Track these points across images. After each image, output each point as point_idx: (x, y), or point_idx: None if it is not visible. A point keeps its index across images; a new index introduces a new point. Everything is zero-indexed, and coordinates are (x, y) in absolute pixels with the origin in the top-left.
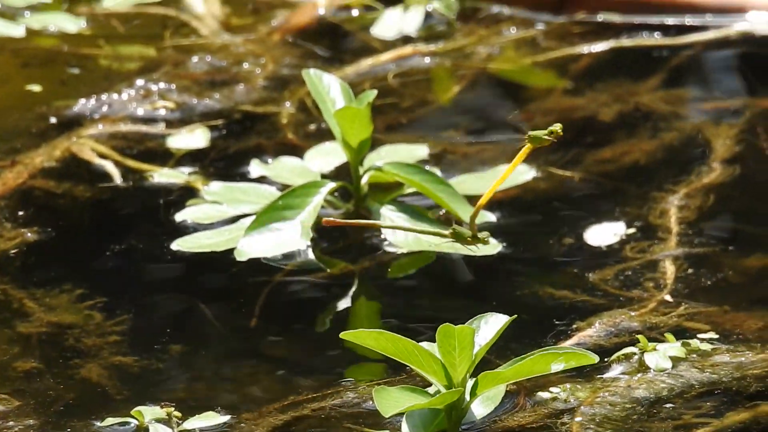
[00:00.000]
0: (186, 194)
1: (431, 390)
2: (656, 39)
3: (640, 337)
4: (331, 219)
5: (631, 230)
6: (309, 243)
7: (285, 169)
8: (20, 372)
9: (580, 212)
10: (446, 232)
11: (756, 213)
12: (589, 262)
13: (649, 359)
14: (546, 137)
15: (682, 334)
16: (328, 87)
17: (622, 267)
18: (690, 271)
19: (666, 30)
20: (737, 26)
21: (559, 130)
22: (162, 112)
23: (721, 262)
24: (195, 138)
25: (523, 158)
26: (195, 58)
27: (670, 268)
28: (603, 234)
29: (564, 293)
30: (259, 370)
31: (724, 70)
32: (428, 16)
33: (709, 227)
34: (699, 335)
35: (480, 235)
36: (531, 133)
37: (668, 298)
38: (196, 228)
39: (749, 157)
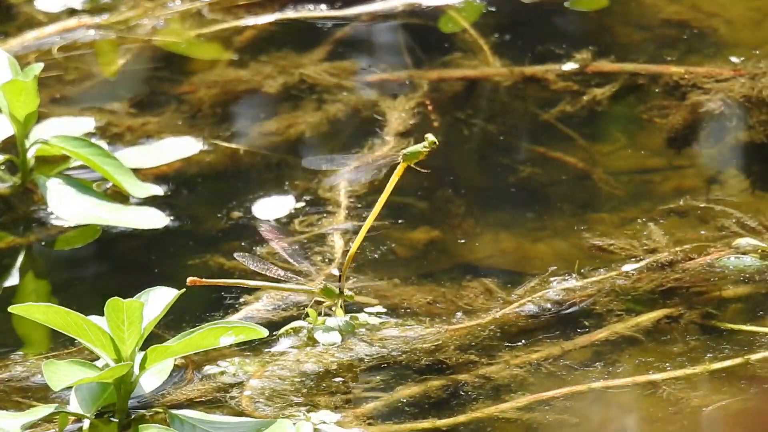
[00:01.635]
0: None
1: (100, 364)
2: (322, 11)
3: (309, 310)
4: (196, 279)
5: (301, 204)
6: None
7: None
8: None
9: (247, 185)
10: (315, 290)
11: (422, 188)
12: (258, 236)
13: (318, 333)
14: (422, 150)
15: (350, 308)
16: None
17: (291, 240)
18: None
19: (332, 2)
20: None
21: (435, 140)
22: None
23: (390, 236)
24: None
25: (398, 178)
26: None
27: (338, 242)
28: (271, 207)
29: (232, 265)
30: None
31: (390, 43)
32: None
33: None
34: (367, 309)
35: (346, 293)
36: (405, 150)
37: (335, 271)
38: None
39: (420, 131)
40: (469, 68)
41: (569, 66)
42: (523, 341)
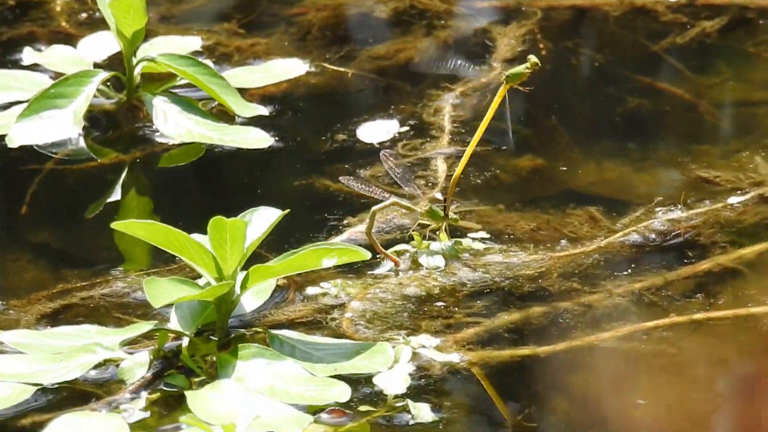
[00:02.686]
0: None
1: (201, 282)
2: None
3: (413, 233)
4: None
5: (405, 128)
6: (81, 132)
7: (58, 57)
8: None
9: (353, 108)
10: (420, 210)
11: (530, 115)
12: (362, 159)
13: (422, 257)
14: (525, 70)
15: (454, 232)
16: None
17: (397, 163)
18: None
19: None
20: None
21: (537, 61)
22: None
23: (494, 162)
24: None
25: (500, 98)
26: None
27: (441, 167)
28: (376, 131)
29: (337, 188)
30: (27, 258)
31: None
32: None
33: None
34: (471, 234)
35: (451, 216)
36: (509, 72)
37: (439, 195)
38: None
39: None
40: None
41: None
42: (627, 271)
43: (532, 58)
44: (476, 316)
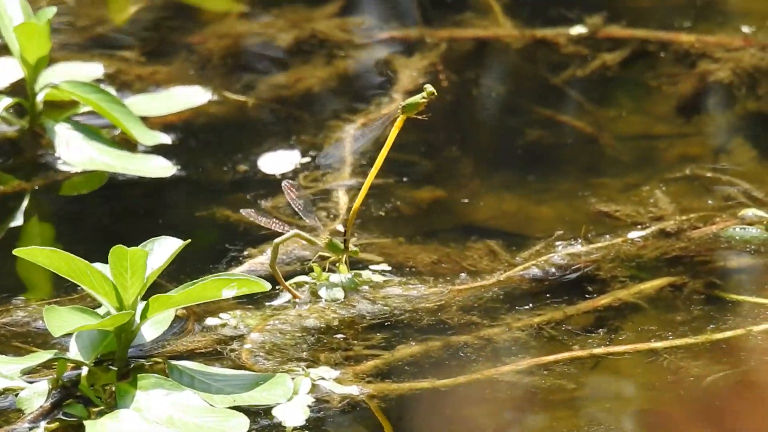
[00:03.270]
0: None
1: (102, 311)
2: None
3: (313, 265)
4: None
5: (306, 159)
6: None
7: None
8: None
9: (255, 138)
10: (321, 243)
11: (428, 145)
12: (263, 189)
13: (321, 289)
14: (422, 100)
15: (355, 264)
16: (7, 2)
17: (298, 195)
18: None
19: None
20: None
21: (433, 90)
22: None
23: (394, 194)
24: None
25: (398, 130)
26: None
27: (343, 199)
28: (277, 161)
29: (237, 218)
30: None
31: (402, 0)
32: None
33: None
34: (371, 267)
35: (351, 248)
36: (405, 102)
37: (340, 227)
38: None
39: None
40: (480, 28)
41: (580, 30)
42: (527, 304)
43: (429, 88)
44: (376, 349)
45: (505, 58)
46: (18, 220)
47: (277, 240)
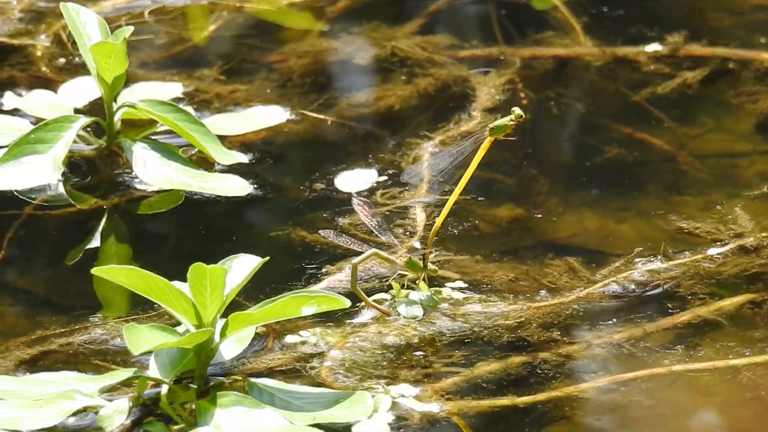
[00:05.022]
0: None
1: (181, 329)
2: None
3: (392, 282)
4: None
5: (383, 177)
6: (60, 177)
7: (38, 102)
8: None
9: (333, 156)
10: (399, 261)
11: (507, 164)
12: (340, 208)
13: (401, 306)
14: (510, 122)
15: (433, 282)
16: (85, 21)
17: (374, 212)
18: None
19: None
20: None
21: (521, 113)
22: None
23: (473, 212)
24: None
25: (485, 151)
26: None
27: (420, 216)
28: (354, 180)
29: (315, 236)
30: (5, 304)
31: (482, 19)
32: None
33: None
34: (450, 284)
35: (430, 267)
36: (493, 124)
37: (417, 245)
38: None
39: (508, 108)
40: (560, 47)
41: (661, 48)
42: (606, 321)
43: (517, 110)
44: (455, 366)
45: (585, 76)
46: (96, 239)
47: (355, 260)
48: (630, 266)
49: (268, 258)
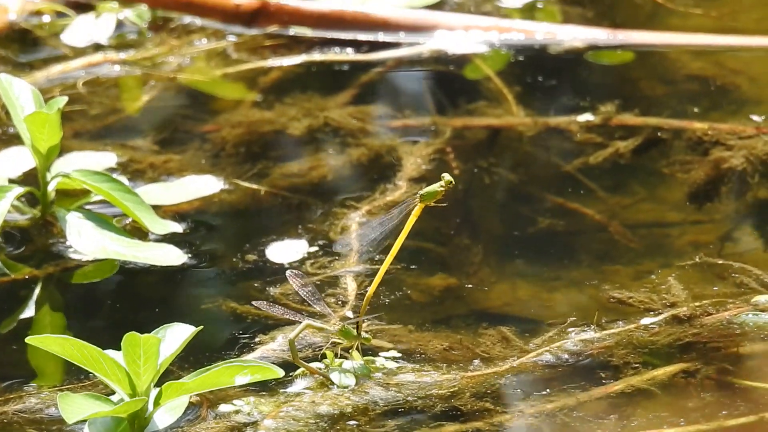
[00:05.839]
0: None
1: (115, 398)
2: (347, 55)
3: (326, 351)
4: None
5: (314, 248)
6: None
7: None
8: None
9: (266, 226)
10: (333, 329)
11: (439, 233)
12: (271, 277)
13: (334, 375)
14: (440, 188)
15: (366, 351)
16: (18, 92)
17: (305, 281)
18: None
19: (358, 46)
20: (429, 44)
21: (451, 179)
22: None
23: (404, 281)
24: None
25: (415, 218)
26: None
27: (351, 285)
28: (285, 250)
29: (247, 307)
30: None
31: (415, 88)
32: (120, 24)
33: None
34: (383, 353)
35: (363, 335)
36: (422, 191)
37: (350, 314)
38: None
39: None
40: (493, 117)
41: (593, 118)
42: (540, 391)
43: (446, 177)
44: None
45: (517, 145)
46: (29, 309)
47: (290, 336)
48: (563, 336)
49: (201, 327)
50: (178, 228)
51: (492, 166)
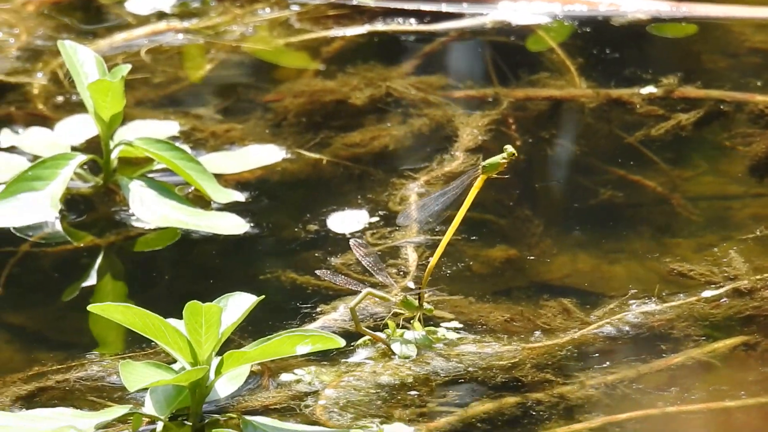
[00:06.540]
0: None
1: (177, 367)
2: (410, 25)
3: (388, 322)
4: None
5: (375, 218)
6: (57, 215)
7: (35, 140)
8: None
9: (327, 196)
10: (394, 300)
11: (501, 204)
12: (332, 247)
13: (395, 346)
14: (502, 160)
15: (427, 322)
16: (83, 59)
17: (367, 252)
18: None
19: (421, 16)
20: (492, 15)
21: (513, 151)
22: None
23: (465, 252)
24: None
25: (477, 190)
26: None
27: (412, 256)
28: (346, 220)
29: (307, 277)
30: (2, 340)
31: (477, 59)
32: None
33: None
34: (444, 324)
35: (425, 306)
36: (485, 162)
37: (411, 284)
38: None
39: (496, 148)
40: (555, 88)
41: (655, 90)
42: (600, 363)
43: (509, 149)
44: (449, 406)
45: (579, 117)
46: (92, 277)
47: (351, 304)
48: (624, 308)
49: (263, 297)
50: (240, 197)
51: (553, 138)
